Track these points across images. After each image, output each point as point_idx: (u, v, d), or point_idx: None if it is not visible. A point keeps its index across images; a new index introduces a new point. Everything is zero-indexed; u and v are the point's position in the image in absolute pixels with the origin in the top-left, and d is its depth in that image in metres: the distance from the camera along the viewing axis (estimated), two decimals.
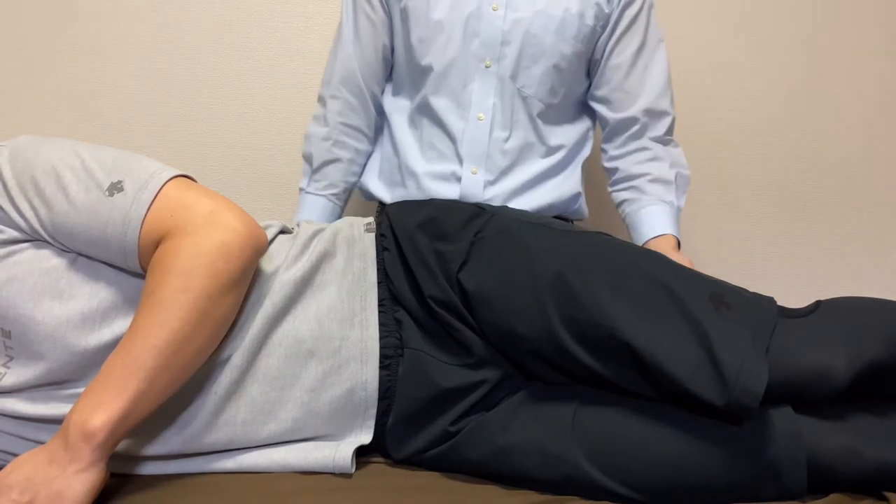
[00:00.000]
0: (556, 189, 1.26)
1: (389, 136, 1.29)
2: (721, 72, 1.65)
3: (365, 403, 0.85)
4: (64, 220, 0.76)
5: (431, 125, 1.23)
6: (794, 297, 1.69)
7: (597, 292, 0.82)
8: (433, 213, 0.93)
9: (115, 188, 0.77)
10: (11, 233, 0.78)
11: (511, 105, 1.21)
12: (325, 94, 1.30)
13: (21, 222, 0.77)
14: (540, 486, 0.82)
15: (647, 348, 0.79)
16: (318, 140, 1.29)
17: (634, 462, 0.80)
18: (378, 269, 0.90)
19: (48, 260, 0.78)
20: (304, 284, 0.86)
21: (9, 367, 0.77)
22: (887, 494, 0.78)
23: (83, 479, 0.68)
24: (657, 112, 1.24)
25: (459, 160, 1.22)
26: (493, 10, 1.17)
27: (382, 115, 1.30)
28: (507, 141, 1.22)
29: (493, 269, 0.87)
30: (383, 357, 0.86)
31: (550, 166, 1.25)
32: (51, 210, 0.76)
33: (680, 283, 0.84)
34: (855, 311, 0.86)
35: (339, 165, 1.29)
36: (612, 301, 0.82)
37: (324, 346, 0.84)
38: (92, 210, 0.76)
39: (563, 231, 0.90)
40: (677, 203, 1.22)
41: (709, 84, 1.65)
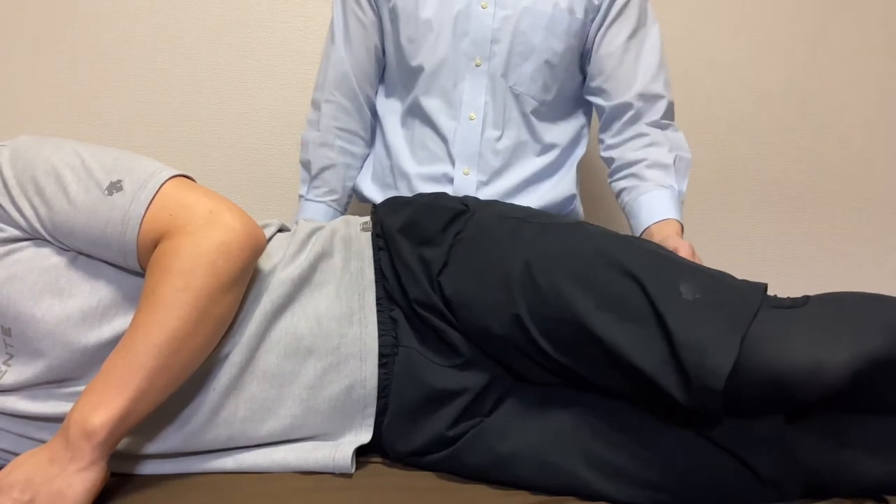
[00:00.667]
0: (550, 191, 1.24)
1: (382, 137, 1.28)
2: (721, 71, 1.65)
3: (364, 401, 0.85)
4: (64, 219, 0.77)
5: (423, 126, 1.22)
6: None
7: (562, 287, 0.80)
8: (414, 217, 0.92)
9: (115, 187, 0.77)
10: (12, 231, 0.78)
11: (503, 103, 1.20)
12: (318, 98, 1.28)
13: (21, 221, 0.78)
14: (539, 492, 0.82)
15: (614, 342, 0.77)
16: (315, 146, 1.28)
17: (633, 467, 0.80)
18: (375, 269, 0.90)
19: (48, 258, 0.78)
20: (303, 282, 0.86)
21: (9, 366, 0.78)
22: (889, 498, 0.77)
23: (84, 477, 0.68)
24: (651, 96, 1.20)
25: (451, 161, 1.21)
26: (483, 9, 1.16)
27: (377, 116, 1.29)
28: (499, 140, 1.20)
29: (470, 271, 0.86)
30: (381, 355, 0.86)
31: (544, 166, 1.24)
32: (51, 209, 0.77)
33: (650, 272, 0.80)
34: (849, 303, 0.81)
35: (337, 170, 1.28)
36: (576, 295, 0.80)
37: (323, 344, 0.84)
38: (91, 209, 0.76)
39: (539, 224, 0.89)
40: (678, 187, 1.17)
41: (708, 84, 1.65)
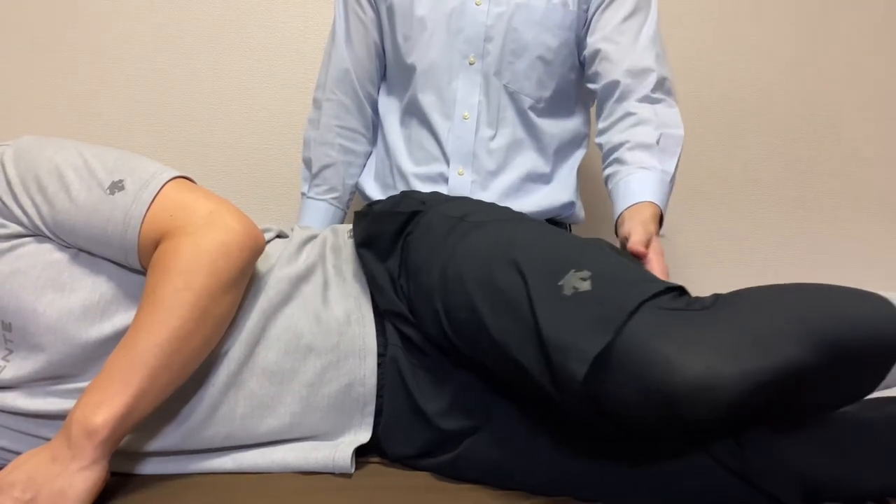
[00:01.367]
0: (549, 196, 1.22)
1: (383, 136, 1.28)
2: (720, 71, 1.66)
3: (363, 399, 0.86)
4: (65, 217, 0.78)
5: (419, 125, 1.21)
6: None
7: (466, 285, 0.80)
8: (370, 229, 0.93)
9: (117, 187, 0.78)
10: (15, 228, 0.79)
11: (497, 102, 1.18)
12: (319, 97, 1.29)
13: (24, 219, 0.79)
14: (539, 494, 0.81)
15: (501, 340, 0.76)
16: (315, 144, 1.29)
17: (629, 488, 0.78)
18: (366, 273, 0.91)
19: (51, 253, 0.79)
20: (301, 281, 0.87)
21: (8, 361, 0.78)
22: (890, 500, 0.76)
23: (85, 476, 0.68)
24: (639, 70, 1.12)
25: (446, 161, 1.19)
26: (477, 6, 1.15)
27: (379, 114, 1.29)
28: (493, 139, 1.19)
29: (414, 277, 0.87)
30: (379, 355, 0.86)
31: (542, 165, 1.22)
32: (53, 208, 0.78)
33: (538, 268, 0.77)
34: (766, 304, 0.72)
35: (338, 168, 1.28)
36: (475, 293, 0.79)
37: (322, 342, 0.84)
38: (93, 208, 0.77)
39: (471, 224, 0.88)
40: (661, 167, 1.06)
41: (708, 84, 1.66)
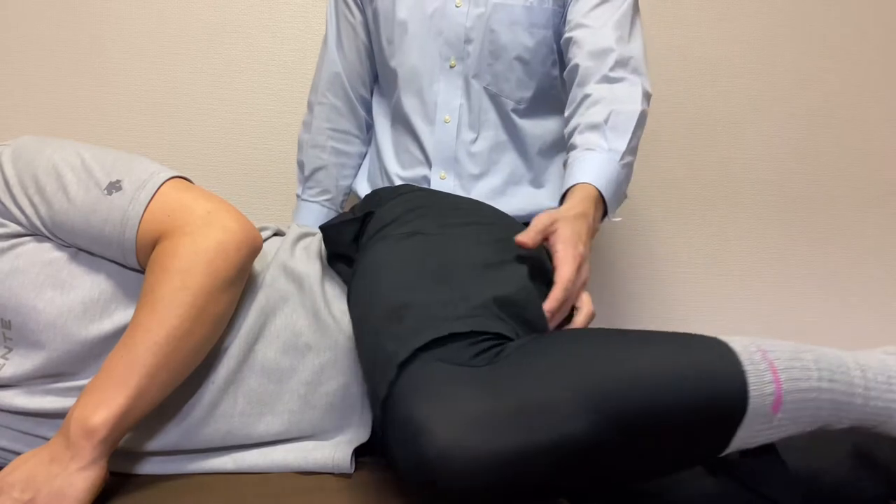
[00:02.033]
0: (533, 199, 1.20)
1: (375, 138, 1.28)
2: (720, 71, 1.65)
3: (362, 398, 0.86)
4: (64, 217, 0.78)
5: (404, 128, 1.21)
6: (794, 297, 1.70)
7: (364, 311, 0.79)
8: (336, 241, 0.94)
9: (114, 187, 0.78)
10: (14, 227, 0.79)
11: (479, 105, 1.16)
12: (312, 100, 1.30)
13: (22, 218, 0.79)
14: None
15: (362, 356, 0.76)
16: (307, 147, 1.30)
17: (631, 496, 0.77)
18: (347, 284, 0.91)
19: (50, 252, 0.79)
20: (299, 280, 0.88)
21: (7, 359, 0.78)
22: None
23: (84, 476, 0.69)
24: (599, 51, 1.05)
25: (429, 164, 1.18)
26: (457, 7, 1.13)
27: (372, 115, 1.29)
28: (474, 143, 1.17)
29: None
30: None
31: (525, 168, 1.20)
32: (51, 208, 0.78)
33: (382, 296, 0.75)
34: (554, 366, 0.63)
35: (330, 171, 1.29)
36: (364, 305, 0.78)
37: (321, 340, 0.85)
38: (91, 208, 0.77)
39: (380, 237, 0.87)
40: (608, 146, 0.98)
41: (708, 83, 1.65)
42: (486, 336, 0.68)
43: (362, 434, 0.85)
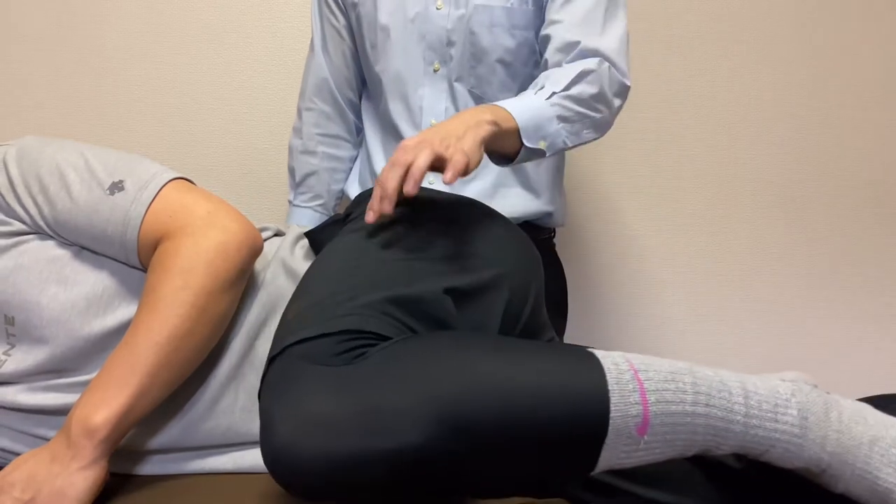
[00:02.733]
0: (523, 202, 1.18)
1: (364, 141, 1.27)
2: (720, 71, 1.66)
3: None
4: (67, 217, 0.79)
5: (392, 132, 1.20)
6: (794, 297, 1.70)
7: (290, 303, 0.77)
8: (321, 242, 0.93)
9: (117, 187, 0.79)
10: (18, 225, 0.80)
11: (464, 108, 1.13)
12: (300, 106, 1.29)
13: (25, 217, 0.80)
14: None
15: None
16: (297, 153, 1.29)
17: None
18: None
19: (53, 249, 0.80)
20: (297, 279, 0.88)
21: (10, 355, 0.79)
22: None
23: (85, 476, 0.69)
24: (565, 45, 1.02)
25: None
26: (438, 10, 1.12)
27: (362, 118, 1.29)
28: None
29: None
30: None
31: (513, 172, 1.18)
32: (54, 207, 0.79)
33: (305, 291, 0.75)
34: (411, 370, 0.62)
35: (321, 176, 1.29)
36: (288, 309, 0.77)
37: None
38: (93, 208, 0.78)
39: (346, 230, 0.86)
40: (533, 91, 0.94)
41: (707, 83, 1.66)
42: (358, 335, 0.66)
43: None
